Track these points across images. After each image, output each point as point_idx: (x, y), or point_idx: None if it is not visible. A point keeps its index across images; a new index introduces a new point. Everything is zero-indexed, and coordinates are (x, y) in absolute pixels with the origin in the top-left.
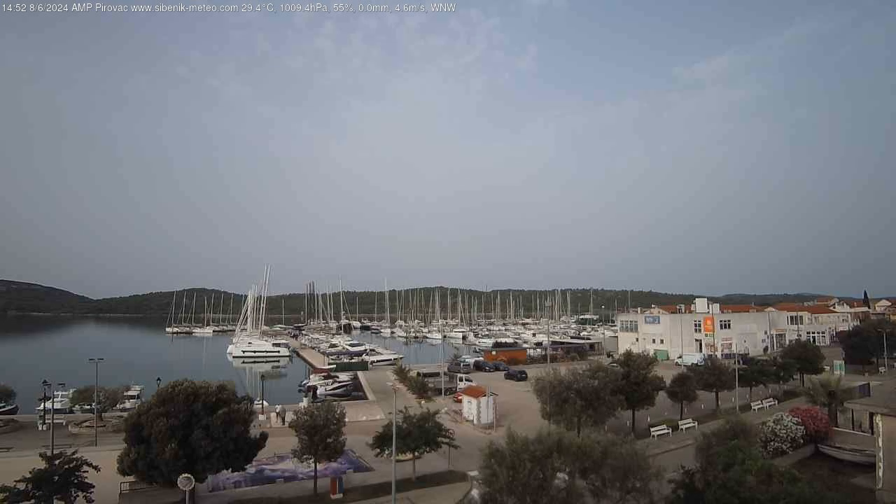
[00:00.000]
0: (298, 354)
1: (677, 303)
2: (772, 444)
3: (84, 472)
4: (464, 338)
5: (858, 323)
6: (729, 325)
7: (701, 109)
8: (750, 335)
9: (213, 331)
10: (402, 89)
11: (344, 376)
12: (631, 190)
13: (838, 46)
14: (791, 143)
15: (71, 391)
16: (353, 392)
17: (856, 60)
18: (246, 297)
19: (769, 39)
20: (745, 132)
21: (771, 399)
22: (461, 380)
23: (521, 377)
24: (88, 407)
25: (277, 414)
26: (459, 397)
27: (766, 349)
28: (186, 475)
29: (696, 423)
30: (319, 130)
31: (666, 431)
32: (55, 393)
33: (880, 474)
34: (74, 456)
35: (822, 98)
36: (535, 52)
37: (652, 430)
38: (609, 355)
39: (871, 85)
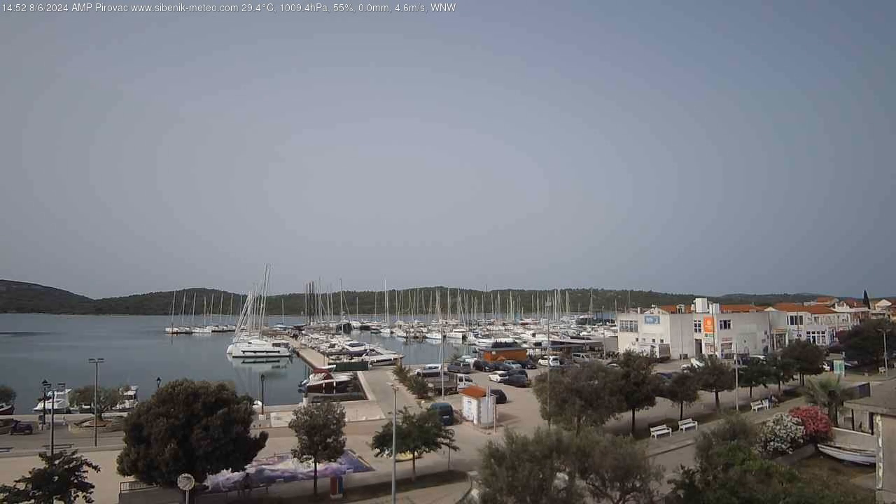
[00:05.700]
0: (298, 354)
1: (677, 303)
2: (772, 444)
3: (84, 472)
4: (463, 338)
5: (858, 323)
6: (729, 325)
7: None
8: (750, 335)
9: (213, 331)
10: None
11: (344, 376)
12: (630, 190)
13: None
14: (791, 142)
15: (67, 391)
16: (353, 392)
17: (853, 60)
18: (246, 297)
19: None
20: (745, 132)
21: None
22: (461, 380)
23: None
24: (88, 407)
25: None
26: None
27: (766, 349)
28: (186, 475)
29: (696, 423)
30: (321, 131)
31: (666, 431)
32: (54, 393)
33: (880, 474)
34: (74, 456)
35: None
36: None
37: (652, 430)
38: (608, 355)
39: (870, 85)
